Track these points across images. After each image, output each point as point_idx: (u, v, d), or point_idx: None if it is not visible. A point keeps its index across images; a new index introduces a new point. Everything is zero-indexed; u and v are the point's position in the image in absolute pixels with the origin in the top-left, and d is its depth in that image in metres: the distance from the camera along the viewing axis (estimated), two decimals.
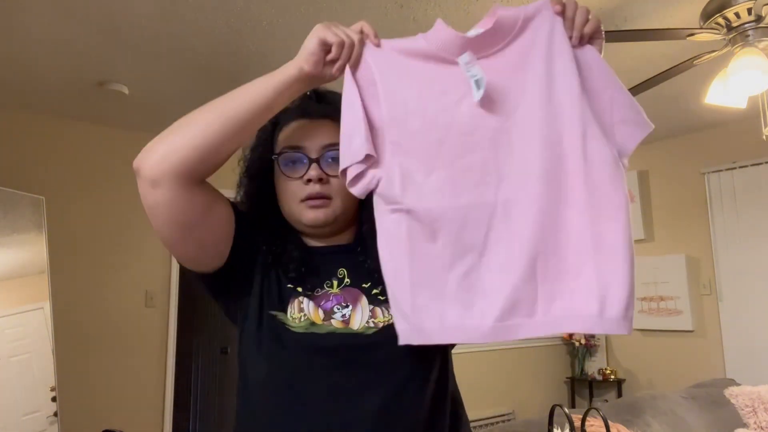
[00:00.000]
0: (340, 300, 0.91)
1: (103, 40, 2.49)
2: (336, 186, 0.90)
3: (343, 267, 0.94)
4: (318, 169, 0.90)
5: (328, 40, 0.80)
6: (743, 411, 2.70)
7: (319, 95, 1.00)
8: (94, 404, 3.40)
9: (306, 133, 0.93)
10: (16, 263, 2.99)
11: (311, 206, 0.90)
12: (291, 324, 0.89)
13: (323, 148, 0.91)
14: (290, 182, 0.92)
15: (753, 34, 2.00)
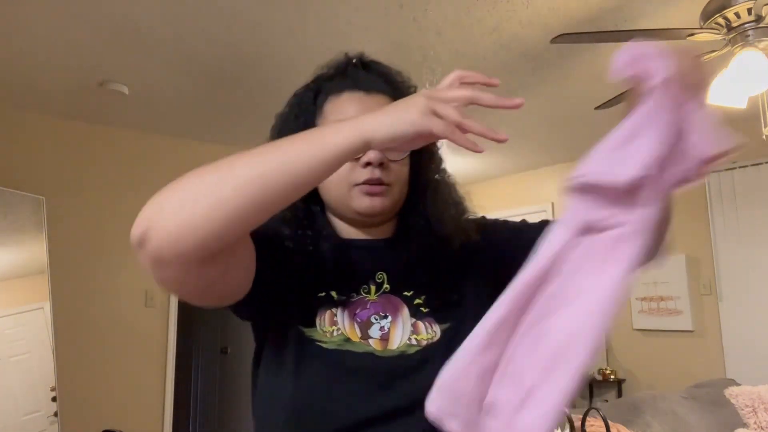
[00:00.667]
0: (378, 309, 0.81)
1: (103, 40, 2.49)
2: (396, 172, 0.81)
3: (383, 270, 0.83)
4: (379, 151, 0.78)
5: (435, 131, 0.62)
6: (743, 411, 2.70)
7: (365, 63, 0.89)
8: (94, 404, 3.40)
9: (363, 108, 0.80)
10: (16, 263, 2.99)
11: (367, 193, 0.79)
12: (322, 339, 0.78)
13: None
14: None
15: (753, 34, 2.00)
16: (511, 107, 0.65)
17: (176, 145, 3.94)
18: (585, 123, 3.78)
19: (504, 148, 4.39)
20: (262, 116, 3.95)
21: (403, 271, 0.83)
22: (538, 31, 2.48)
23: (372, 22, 2.38)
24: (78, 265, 3.46)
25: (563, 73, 2.97)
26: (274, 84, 3.01)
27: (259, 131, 3.36)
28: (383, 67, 0.90)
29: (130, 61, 2.72)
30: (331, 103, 0.84)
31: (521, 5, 2.27)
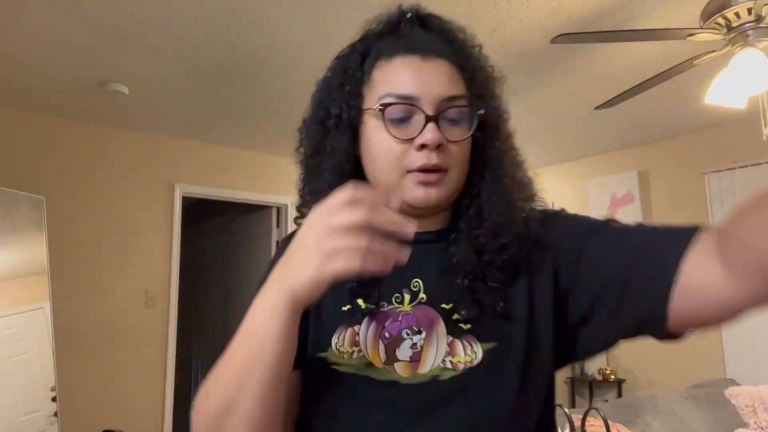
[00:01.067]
0: (411, 322, 0.68)
1: (103, 40, 2.49)
2: (455, 155, 0.68)
3: (420, 276, 0.70)
4: (437, 131, 0.66)
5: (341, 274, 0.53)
6: (743, 411, 2.70)
7: (422, 18, 0.75)
8: (94, 404, 3.40)
9: (419, 77, 0.67)
10: (16, 263, 2.99)
11: (422, 181, 0.67)
12: (338, 361, 0.68)
13: (443, 102, 0.67)
14: (395, 144, 0.67)
15: (753, 34, 2.00)
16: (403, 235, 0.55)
17: (176, 145, 3.94)
18: (585, 123, 3.78)
19: None
20: (262, 116, 3.98)
21: (443, 278, 0.70)
22: (538, 31, 2.48)
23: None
24: (78, 265, 3.46)
25: (563, 73, 2.97)
26: (274, 84, 3.01)
27: (259, 131, 3.38)
28: (444, 22, 0.76)
29: (130, 61, 2.72)
30: (381, 70, 0.70)
31: (521, 5, 2.27)
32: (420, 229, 0.70)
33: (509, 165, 0.73)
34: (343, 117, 0.70)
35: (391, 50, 0.70)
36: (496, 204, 0.69)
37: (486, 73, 0.74)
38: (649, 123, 3.84)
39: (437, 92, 0.67)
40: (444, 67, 0.69)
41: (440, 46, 0.71)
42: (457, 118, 0.68)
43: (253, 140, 4.04)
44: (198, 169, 4.03)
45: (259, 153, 4.31)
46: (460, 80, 0.70)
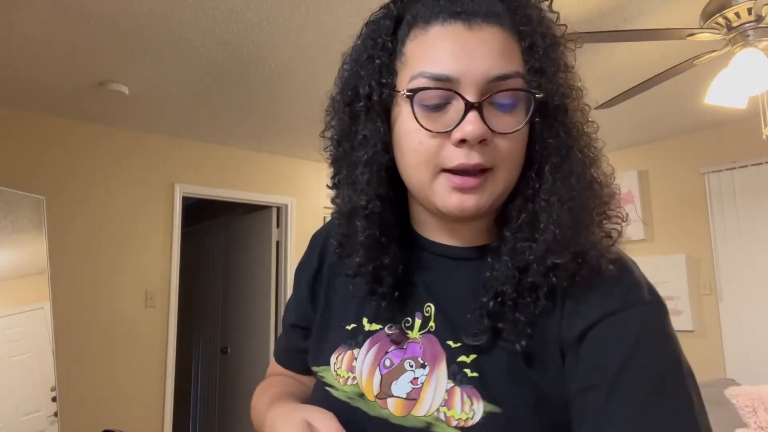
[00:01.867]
0: (417, 352, 0.57)
1: (103, 40, 2.49)
2: (505, 150, 0.54)
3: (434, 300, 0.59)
4: (480, 122, 0.52)
5: None
6: (743, 411, 2.70)
7: None
8: (94, 404, 3.40)
9: (460, 52, 0.52)
10: (16, 263, 2.99)
11: (458, 186, 0.54)
12: (333, 384, 0.61)
13: (490, 83, 0.52)
14: (427, 137, 0.54)
15: (753, 34, 2.00)
16: None
17: (176, 145, 3.94)
18: None
19: None
20: (261, 116, 3.98)
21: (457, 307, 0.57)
22: None
23: None
24: (78, 265, 3.46)
25: None
26: (274, 84, 3.01)
27: (259, 131, 3.38)
28: None
29: (130, 61, 2.72)
30: (416, 42, 0.55)
31: None
32: (458, 243, 0.60)
33: (579, 159, 0.56)
34: (373, 98, 0.57)
35: (429, 15, 0.55)
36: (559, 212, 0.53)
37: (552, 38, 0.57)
38: (649, 123, 3.84)
39: (483, 71, 0.52)
40: (495, 36, 0.53)
41: (493, 7, 0.55)
42: (510, 103, 0.53)
43: (253, 140, 4.03)
44: (198, 169, 4.03)
45: (259, 153, 4.31)
46: (517, 52, 0.55)
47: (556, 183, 0.54)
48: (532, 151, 0.56)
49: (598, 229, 0.55)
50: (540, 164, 0.56)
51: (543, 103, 0.55)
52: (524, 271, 0.54)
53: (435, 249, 0.62)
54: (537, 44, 0.55)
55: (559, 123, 0.56)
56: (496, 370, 0.53)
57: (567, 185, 0.54)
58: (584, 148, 0.58)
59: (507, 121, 0.53)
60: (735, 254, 3.79)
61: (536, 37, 0.56)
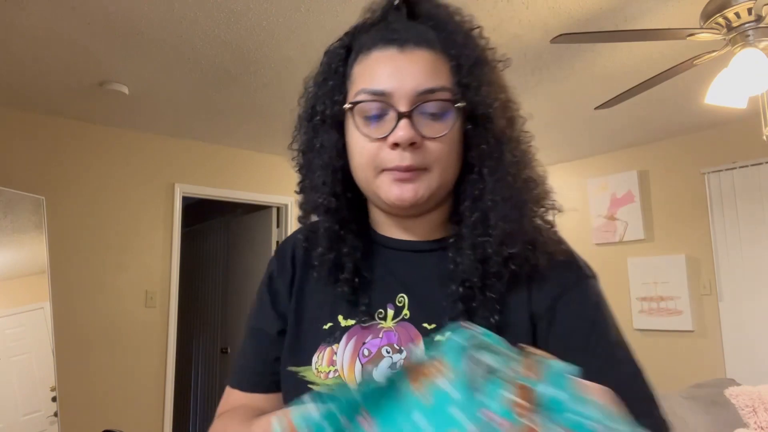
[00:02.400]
0: (392, 339, 0.64)
1: (103, 40, 2.49)
2: (435, 151, 0.63)
3: (406, 291, 0.67)
4: (410, 128, 0.61)
5: None
6: (743, 411, 2.70)
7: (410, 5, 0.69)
8: (94, 404, 3.40)
9: (394, 71, 0.63)
10: (16, 263, 2.99)
11: (397, 179, 0.63)
12: (315, 381, 0.65)
13: (419, 96, 0.62)
14: (368, 143, 0.64)
15: (753, 34, 2.00)
16: None
17: (176, 145, 3.94)
18: (585, 123, 3.78)
19: None
20: (262, 116, 3.98)
21: (429, 294, 0.66)
22: (538, 31, 2.48)
23: None
24: (78, 265, 3.46)
25: (563, 73, 2.97)
26: (274, 84, 3.01)
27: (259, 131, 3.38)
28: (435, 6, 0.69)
29: (130, 61, 2.72)
30: (360, 65, 0.66)
31: (521, 5, 2.27)
32: (414, 238, 0.69)
33: (511, 161, 0.65)
34: (327, 113, 0.68)
35: (371, 43, 0.66)
36: (503, 209, 0.63)
37: (479, 59, 0.66)
38: (649, 123, 3.84)
39: (412, 86, 0.62)
40: (423, 57, 0.63)
41: (424, 34, 0.65)
42: (438, 112, 0.63)
43: (253, 140, 4.03)
44: (198, 169, 4.03)
45: (259, 153, 4.31)
46: (445, 70, 0.64)
47: (496, 184, 0.64)
48: (470, 157, 0.66)
49: (539, 219, 0.68)
50: (479, 168, 0.65)
51: (471, 113, 0.64)
52: (485, 261, 0.63)
53: (396, 244, 0.70)
54: (462, 63, 0.64)
55: (487, 131, 0.65)
56: None
57: (505, 185, 0.64)
58: (515, 152, 0.67)
59: (436, 128, 0.63)
60: (735, 254, 3.79)
61: (462, 57, 0.65)
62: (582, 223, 4.70)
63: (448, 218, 0.69)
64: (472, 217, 0.65)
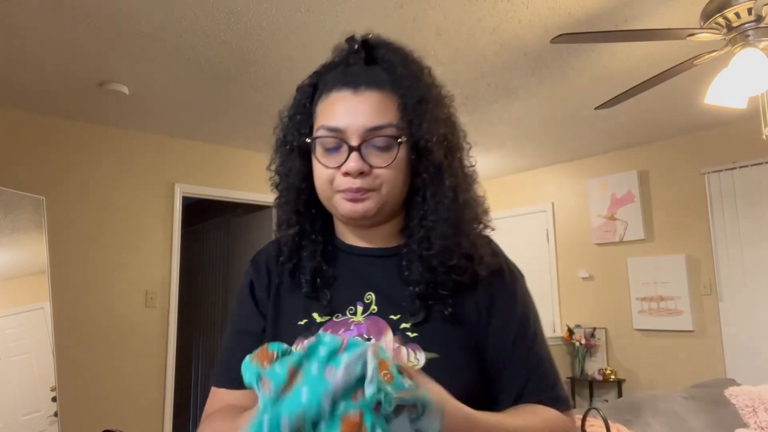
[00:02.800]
0: (362, 331, 0.75)
1: (103, 40, 2.49)
2: (383, 177, 0.74)
3: (373, 290, 0.78)
4: (359, 160, 0.73)
5: None
6: (743, 411, 2.70)
7: (369, 49, 0.80)
8: (94, 404, 3.40)
9: (347, 110, 0.74)
10: (16, 263, 2.99)
11: (350, 198, 0.75)
12: None
13: (368, 132, 0.73)
14: (325, 170, 0.76)
15: (753, 34, 2.00)
16: None
17: (176, 145, 3.94)
18: (585, 123, 3.78)
19: (504, 148, 4.39)
20: (262, 116, 3.97)
21: (393, 292, 0.77)
22: (538, 31, 2.48)
23: (372, 22, 2.38)
24: (78, 265, 3.46)
25: (563, 73, 2.97)
26: (274, 84, 3.01)
27: (259, 131, 3.38)
28: (390, 51, 0.81)
29: (130, 61, 2.72)
30: (322, 103, 0.78)
31: (521, 5, 2.27)
32: (373, 245, 0.82)
33: (450, 187, 0.77)
34: (294, 144, 0.80)
35: (331, 84, 0.77)
36: (442, 228, 0.75)
37: (422, 98, 0.77)
38: (649, 123, 3.84)
39: (362, 123, 0.73)
40: (373, 98, 0.75)
41: (377, 77, 0.77)
42: (384, 145, 0.74)
43: (253, 140, 4.03)
44: (198, 169, 4.03)
45: (259, 153, 4.30)
46: (393, 108, 0.75)
47: (437, 206, 0.76)
48: (417, 182, 0.77)
49: (475, 235, 0.79)
50: (423, 191, 0.77)
51: (415, 145, 0.75)
52: (432, 271, 0.75)
53: (358, 251, 0.82)
54: (408, 103, 0.75)
55: (428, 161, 0.76)
56: (431, 330, 0.74)
57: (444, 207, 0.76)
58: (453, 178, 0.78)
59: (383, 158, 0.74)
60: (735, 254, 3.79)
61: (407, 97, 0.76)
62: (582, 223, 4.70)
63: (401, 230, 0.81)
64: (418, 234, 0.76)
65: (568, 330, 4.54)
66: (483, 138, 4.05)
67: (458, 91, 3.16)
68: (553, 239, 4.92)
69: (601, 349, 4.45)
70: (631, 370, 4.32)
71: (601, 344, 4.46)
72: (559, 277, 4.86)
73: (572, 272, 4.76)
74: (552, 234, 4.93)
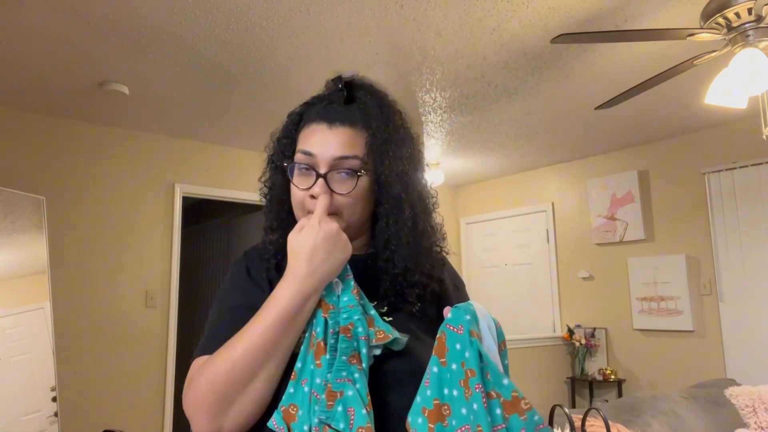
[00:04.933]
0: None
1: (103, 40, 2.49)
2: (345, 202, 0.85)
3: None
4: (324, 185, 0.84)
5: None
6: (743, 411, 2.70)
7: (351, 89, 0.92)
8: (94, 404, 3.40)
9: (320, 140, 0.86)
10: (16, 263, 2.99)
11: None
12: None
13: (335, 161, 0.85)
14: (299, 191, 0.87)
15: (753, 34, 2.00)
16: None
17: (176, 145, 3.94)
18: (585, 123, 3.78)
19: (504, 148, 4.39)
20: (262, 116, 3.97)
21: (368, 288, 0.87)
22: (538, 31, 2.48)
23: (372, 22, 2.38)
24: (78, 265, 3.46)
25: (563, 73, 2.97)
26: (274, 84, 3.01)
27: (259, 131, 3.38)
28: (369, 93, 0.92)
29: (130, 61, 2.72)
30: (303, 132, 0.90)
31: (521, 5, 2.27)
32: None
33: (408, 217, 0.88)
34: (278, 163, 0.93)
35: (313, 117, 0.89)
36: (402, 251, 0.87)
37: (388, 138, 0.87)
38: (649, 123, 3.84)
39: (331, 153, 0.84)
40: (345, 133, 0.86)
41: (351, 115, 0.88)
42: (347, 175, 0.85)
43: (253, 140, 4.03)
44: (198, 169, 4.03)
45: (259, 153, 4.28)
46: (361, 143, 0.86)
47: (398, 233, 0.87)
48: (380, 210, 0.88)
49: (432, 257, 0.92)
50: (386, 218, 0.88)
51: (377, 177, 0.86)
52: (398, 284, 0.88)
53: None
54: (374, 141, 0.86)
55: (388, 193, 0.87)
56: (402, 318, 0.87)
57: (403, 233, 0.87)
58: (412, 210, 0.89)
59: (346, 185, 0.85)
60: (735, 254, 3.79)
61: (375, 136, 0.87)
62: (582, 223, 4.70)
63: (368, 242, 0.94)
64: (384, 255, 0.88)
65: (568, 330, 4.54)
66: (483, 138, 4.05)
67: (458, 91, 3.16)
68: (553, 239, 4.92)
69: (601, 349, 4.45)
70: (631, 370, 4.32)
71: (601, 344, 4.46)
72: (559, 277, 4.86)
73: (572, 272, 4.76)
74: (552, 234, 4.93)
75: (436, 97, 3.24)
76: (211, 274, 5.12)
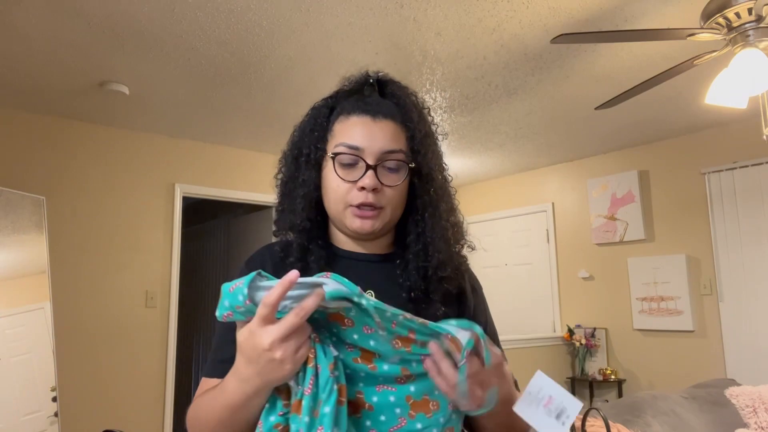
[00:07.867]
0: None
1: (103, 40, 2.49)
2: (389, 195, 0.86)
3: (372, 287, 0.86)
4: (374, 177, 0.84)
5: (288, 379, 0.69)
6: (743, 411, 2.70)
7: (382, 84, 0.93)
8: (94, 404, 3.40)
9: (366, 134, 0.86)
10: (16, 263, 2.99)
11: (359, 215, 0.85)
12: None
13: (383, 154, 0.85)
14: (342, 183, 0.86)
15: (753, 34, 2.00)
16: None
17: (176, 145, 3.94)
18: (585, 123, 3.78)
19: (504, 148, 4.39)
20: (262, 116, 3.97)
21: (389, 291, 0.85)
22: (538, 31, 2.48)
23: (372, 22, 2.38)
24: (78, 265, 3.46)
25: (563, 74, 2.97)
26: (274, 84, 3.01)
27: (259, 131, 3.38)
28: (398, 88, 0.93)
29: (130, 61, 2.72)
30: (341, 124, 0.88)
31: (521, 5, 2.27)
32: (367, 251, 0.93)
33: (444, 209, 0.90)
34: (311, 156, 0.90)
35: (351, 109, 0.88)
36: (439, 244, 0.87)
37: (427, 132, 0.90)
38: (649, 123, 3.84)
39: (379, 146, 0.85)
40: (389, 126, 0.87)
41: (390, 109, 0.88)
42: (394, 168, 0.86)
43: (253, 140, 4.03)
44: (198, 169, 4.03)
45: (259, 153, 4.31)
46: (403, 137, 0.88)
47: (434, 225, 0.88)
48: (417, 203, 0.89)
49: (459, 253, 0.93)
50: (422, 212, 0.89)
51: (417, 171, 0.88)
52: (426, 279, 0.87)
53: (354, 255, 0.92)
54: (415, 135, 0.88)
55: (429, 185, 0.89)
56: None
57: (441, 226, 0.88)
58: (448, 201, 0.92)
59: (393, 179, 0.86)
60: (735, 254, 3.79)
61: (415, 130, 0.88)
62: (582, 223, 4.70)
63: (393, 241, 0.94)
64: (416, 247, 0.88)
65: (568, 330, 4.54)
66: (483, 138, 4.05)
67: (458, 91, 3.16)
68: (553, 239, 4.92)
69: (601, 349, 4.45)
70: (631, 370, 4.32)
71: (601, 344, 4.46)
72: (559, 277, 4.86)
73: (572, 272, 4.76)
74: (552, 234, 4.93)
75: (436, 97, 3.24)
76: (211, 274, 5.12)
